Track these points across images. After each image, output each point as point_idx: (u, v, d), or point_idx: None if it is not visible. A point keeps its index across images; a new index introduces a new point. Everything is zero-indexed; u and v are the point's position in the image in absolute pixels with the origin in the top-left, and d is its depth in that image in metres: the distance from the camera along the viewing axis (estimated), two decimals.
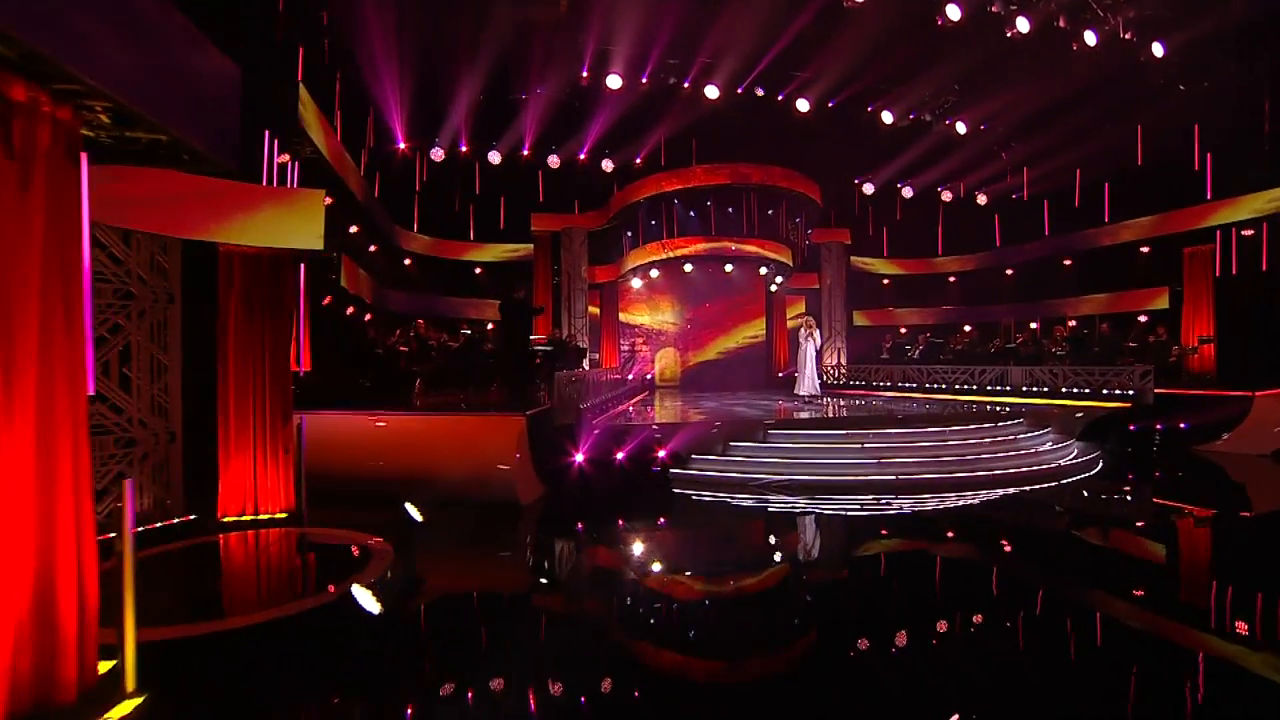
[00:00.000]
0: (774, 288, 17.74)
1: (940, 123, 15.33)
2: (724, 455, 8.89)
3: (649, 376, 17.34)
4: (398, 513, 6.29)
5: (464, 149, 15.07)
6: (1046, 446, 9.42)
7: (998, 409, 10.81)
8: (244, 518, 5.97)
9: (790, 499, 7.76)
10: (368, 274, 12.46)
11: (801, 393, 11.73)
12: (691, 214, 15.36)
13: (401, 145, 13.93)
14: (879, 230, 18.76)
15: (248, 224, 5.45)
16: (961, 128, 15.48)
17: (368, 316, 12.10)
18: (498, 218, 16.77)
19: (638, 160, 15.93)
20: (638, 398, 14.11)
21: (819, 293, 18.07)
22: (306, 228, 5.58)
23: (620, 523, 7.15)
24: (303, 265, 7.83)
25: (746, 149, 15.00)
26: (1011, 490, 8.08)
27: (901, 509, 7.48)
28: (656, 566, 5.85)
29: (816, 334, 11.84)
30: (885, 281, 18.82)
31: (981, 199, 17.67)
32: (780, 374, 17.48)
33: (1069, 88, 13.09)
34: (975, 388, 12.98)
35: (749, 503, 7.73)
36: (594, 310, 17.61)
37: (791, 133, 15.05)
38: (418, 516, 6.29)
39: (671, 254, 15.73)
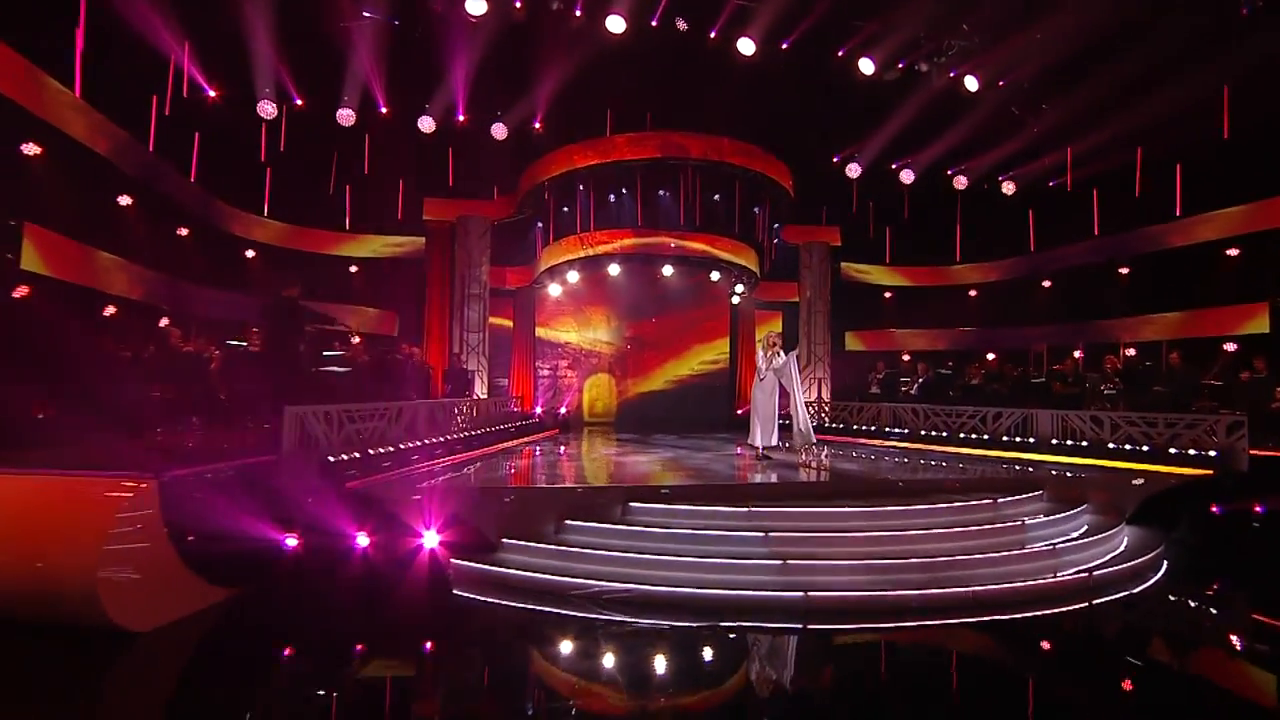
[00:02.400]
0: (736, 299, 15.33)
1: (942, 75, 12.56)
2: (557, 541, 6.13)
3: (561, 412, 14.67)
4: None
5: (297, 103, 12.62)
6: (1074, 537, 6.42)
7: (1019, 470, 8.09)
8: None
9: (651, 619, 5.00)
10: (145, 263, 10.03)
11: (756, 441, 8.80)
12: (612, 197, 12.85)
13: (211, 93, 11.54)
14: (880, 229, 16.25)
15: None
16: (972, 83, 12.69)
17: (111, 311, 9.58)
18: (382, 201, 14.41)
19: (536, 124, 13.40)
20: (525, 440, 11.44)
21: (798, 307, 15.36)
22: None
23: (306, 668, 4.39)
24: None
25: (684, 114, 12.44)
26: (1004, 616, 5.16)
27: (806, 650, 4.65)
28: None
29: (785, 359, 8.77)
30: (886, 295, 16.55)
31: (1009, 188, 14.97)
32: (740, 411, 14.70)
33: (1123, 24, 10.26)
34: (987, 437, 10.05)
35: (582, 621, 5.02)
36: (503, 323, 15.37)
37: (739, 87, 12.42)
38: None
39: (591, 251, 13.18)
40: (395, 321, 15.01)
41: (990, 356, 14.48)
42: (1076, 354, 13.10)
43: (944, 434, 10.66)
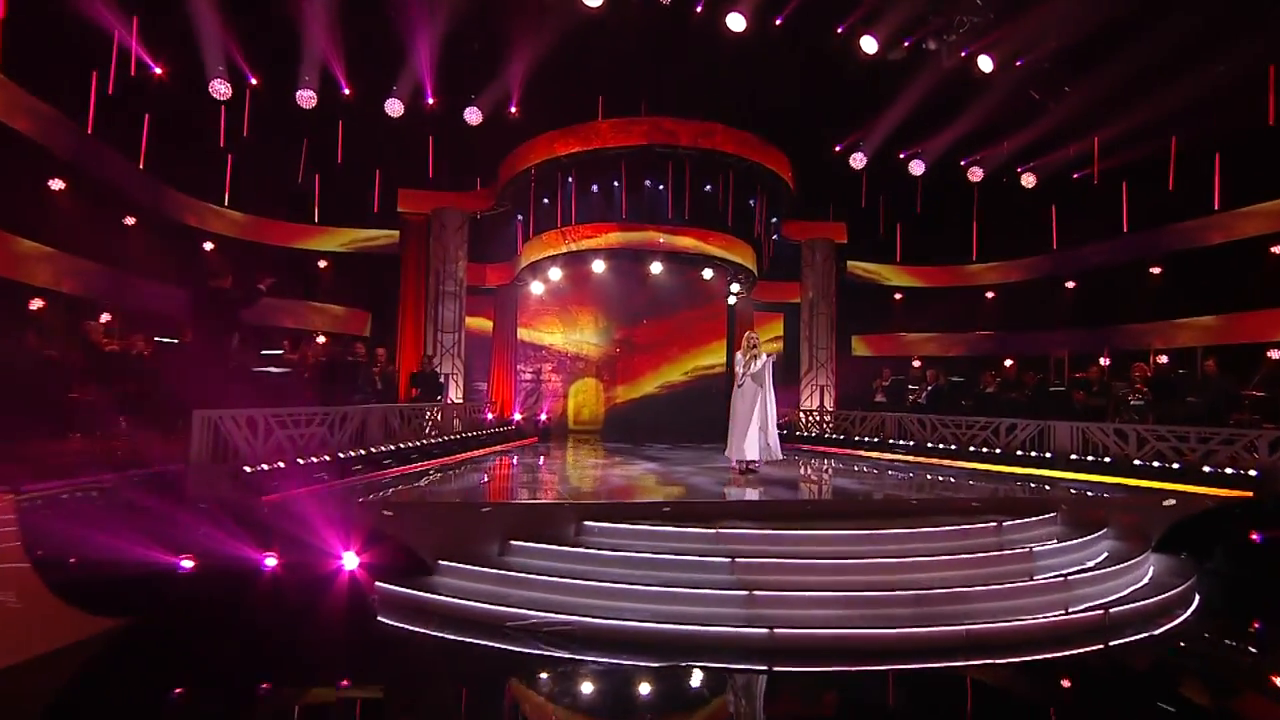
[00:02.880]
0: (732, 300, 14.91)
1: (953, 54, 12.01)
2: (500, 564, 5.65)
3: (541, 419, 14.21)
4: None
5: (252, 82, 12.21)
6: (1091, 567, 5.85)
7: (1033, 489, 7.61)
8: None
9: (600, 656, 4.52)
10: (81, 253, 9.66)
11: (737, 454, 8.23)
12: (596, 189, 12.43)
13: (157, 71, 11.16)
14: (889, 225, 15.76)
15: None
16: (986, 63, 12.13)
17: (39, 305, 9.20)
18: (355, 192, 14.03)
19: (512, 109, 12.97)
20: (495, 449, 10.99)
21: (800, 309, 14.90)
22: None
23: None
24: None
25: (673, 98, 11.98)
26: (1003, 660, 4.61)
27: (773, 695, 4.19)
28: None
29: (763, 362, 8.16)
30: (896, 296, 16.10)
31: (1029, 180, 14.42)
32: None
33: None
34: (1000, 451, 9.52)
35: (521, 657, 4.56)
36: (483, 324, 15.01)
37: (731, 68, 11.95)
38: None
39: (573, 246, 12.79)
40: (367, 321, 14.64)
41: (1008, 363, 13.92)
42: (1103, 361, 12.55)
43: (953, 447, 10.16)
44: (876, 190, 15.35)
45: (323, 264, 14.28)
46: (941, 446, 10.31)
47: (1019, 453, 9.38)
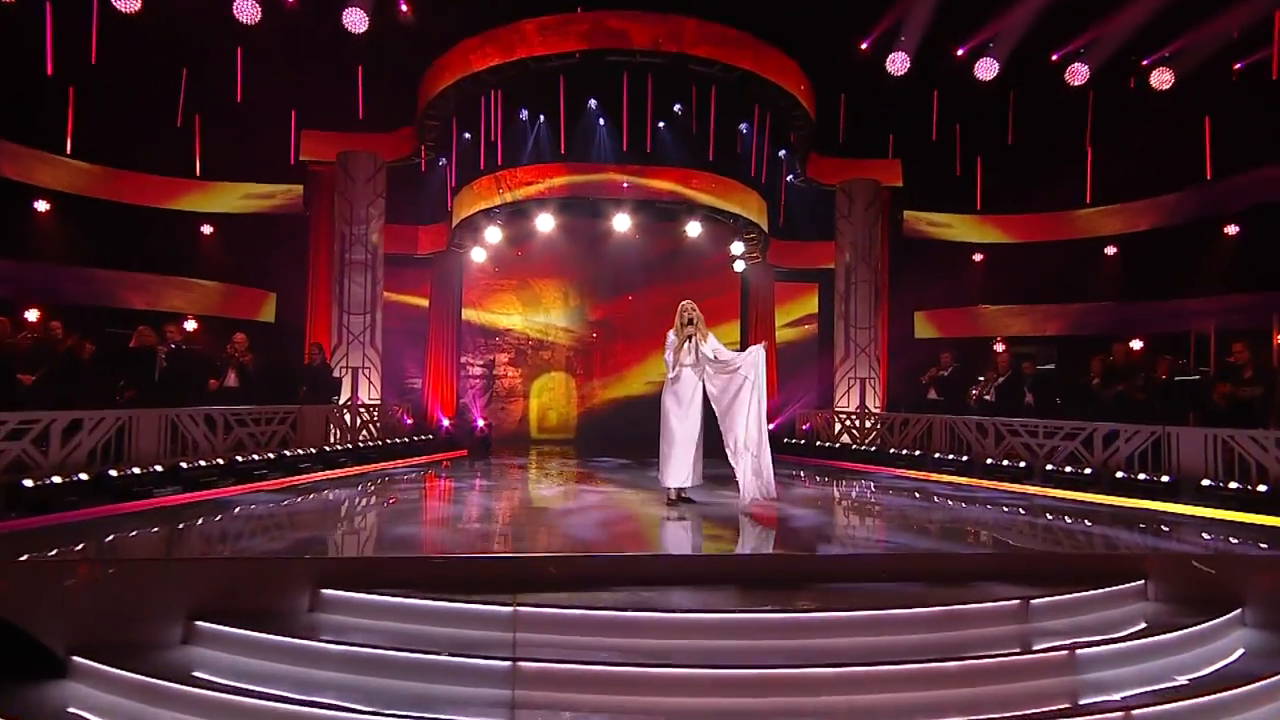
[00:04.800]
0: (738, 265, 13.98)
1: None
2: (171, 663, 4.13)
3: (479, 425, 13.30)
4: None
5: None
6: (1190, 683, 3.86)
7: (1127, 535, 5.70)
8: None
9: None
10: None
11: (668, 480, 6.55)
12: (526, 115, 11.19)
13: None
14: (968, 161, 14.11)
15: None
16: None
17: None
18: (250, 138, 12.97)
19: (402, 5, 11.61)
20: (372, 468, 9.66)
21: (835, 277, 13.50)
22: None
23: None
24: None
25: None
26: None
27: None
28: None
29: (701, 343, 6.49)
30: (976, 258, 14.72)
31: (1163, 78, 12.30)
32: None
33: None
34: (1090, 472, 7.61)
35: None
36: (416, 302, 14.18)
37: None
38: None
39: (509, 196, 12.05)
40: (267, 302, 13.65)
41: (1136, 345, 11.89)
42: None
43: (1021, 465, 8.14)
44: (943, 111, 13.65)
45: (207, 229, 13.28)
46: (1006, 464, 8.31)
47: (1121, 474, 7.42)
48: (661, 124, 12.75)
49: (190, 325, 12.45)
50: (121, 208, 12.50)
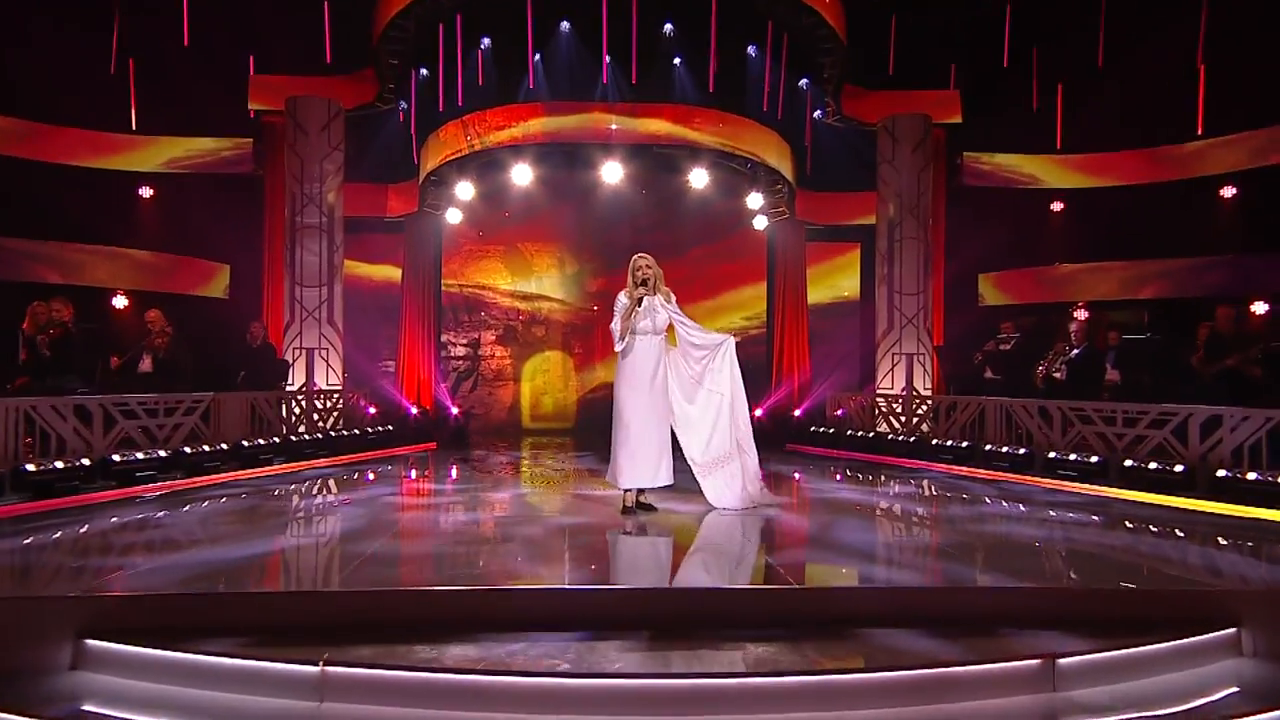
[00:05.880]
0: (760, 222, 13.29)
1: None
2: None
3: (453, 413, 12.89)
4: None
5: None
6: None
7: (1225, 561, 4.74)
8: None
9: None
10: None
11: (620, 480, 5.76)
12: (487, 43, 10.90)
13: None
14: (1046, 90, 13.04)
15: None
16: None
17: None
18: (191, 87, 12.51)
19: None
20: (302, 465, 9.08)
21: (878, 234, 12.54)
22: None
23: None
24: None
25: None
26: None
27: None
28: None
29: (662, 307, 5.66)
30: (1055, 207, 13.76)
31: None
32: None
33: None
34: (1182, 469, 6.59)
35: None
36: (387, 273, 13.81)
37: None
38: None
39: (479, 143, 11.60)
40: (224, 276, 13.21)
41: (1260, 309, 10.95)
42: None
43: (1092, 459, 7.07)
44: (1016, 31, 12.48)
45: (146, 191, 12.88)
46: (1075, 459, 7.21)
47: (1221, 472, 6.30)
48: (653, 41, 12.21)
49: (120, 302, 12.09)
50: (39, 165, 12.04)
